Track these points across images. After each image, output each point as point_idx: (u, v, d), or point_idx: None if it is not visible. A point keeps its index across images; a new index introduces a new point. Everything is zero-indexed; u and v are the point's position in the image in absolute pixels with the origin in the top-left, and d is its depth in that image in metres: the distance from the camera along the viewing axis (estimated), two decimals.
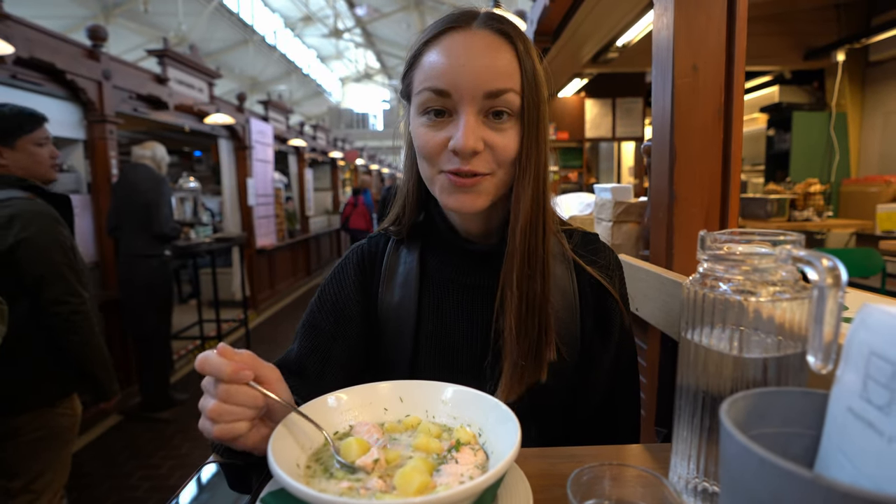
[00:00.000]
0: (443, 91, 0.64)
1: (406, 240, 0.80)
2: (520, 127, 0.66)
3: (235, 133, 5.79)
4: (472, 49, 0.64)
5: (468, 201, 0.67)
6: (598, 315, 0.76)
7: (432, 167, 0.68)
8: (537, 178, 0.67)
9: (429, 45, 0.67)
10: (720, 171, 1.12)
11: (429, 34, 0.68)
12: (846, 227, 3.87)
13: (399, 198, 0.80)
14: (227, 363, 0.49)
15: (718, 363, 0.47)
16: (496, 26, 0.66)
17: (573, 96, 6.24)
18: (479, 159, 0.65)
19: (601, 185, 1.61)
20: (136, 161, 3.41)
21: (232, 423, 0.48)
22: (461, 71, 0.63)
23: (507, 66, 0.64)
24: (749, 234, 0.48)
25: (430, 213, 0.78)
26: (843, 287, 0.39)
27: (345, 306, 0.76)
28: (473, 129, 0.63)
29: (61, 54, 3.20)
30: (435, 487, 0.42)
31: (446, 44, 0.65)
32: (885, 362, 0.32)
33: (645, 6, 3.03)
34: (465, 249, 0.75)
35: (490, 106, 0.64)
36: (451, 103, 0.64)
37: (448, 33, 0.66)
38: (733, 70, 1.10)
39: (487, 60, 0.63)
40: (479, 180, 0.66)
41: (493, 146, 0.65)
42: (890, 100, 4.47)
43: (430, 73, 0.65)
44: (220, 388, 0.49)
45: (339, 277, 0.79)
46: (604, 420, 0.78)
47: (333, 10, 13.90)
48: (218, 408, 0.48)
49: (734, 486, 0.33)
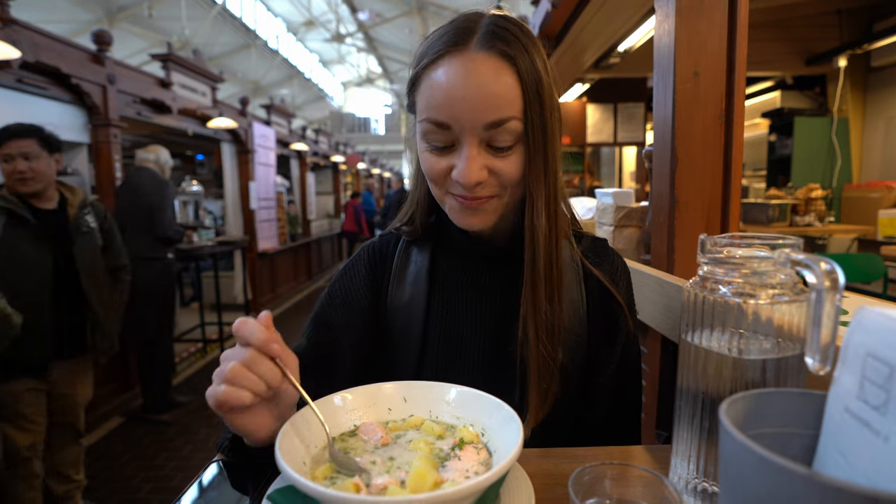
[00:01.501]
0: (443, 123, 0.63)
1: (417, 240, 0.80)
2: (524, 149, 0.65)
3: (238, 137, 5.82)
4: (471, 77, 0.62)
5: (476, 221, 0.68)
6: (604, 321, 0.76)
7: (440, 190, 0.69)
8: (548, 196, 0.67)
9: (427, 70, 0.65)
10: (721, 175, 1.13)
11: (428, 54, 0.65)
12: (848, 233, 3.88)
13: (411, 201, 0.80)
14: (262, 329, 0.49)
15: (718, 365, 0.48)
16: (497, 48, 0.62)
17: (575, 101, 6.26)
18: (483, 186, 0.65)
19: (603, 189, 1.62)
20: (140, 164, 3.43)
21: (242, 389, 0.47)
22: (460, 102, 0.62)
23: (508, 93, 0.62)
24: (749, 238, 0.48)
25: (441, 214, 0.78)
26: (841, 290, 0.39)
27: (354, 302, 0.77)
28: (475, 160, 0.63)
29: (66, 59, 3.23)
30: (442, 483, 0.43)
31: (444, 69, 0.63)
32: (881, 363, 0.33)
33: (646, 12, 3.05)
34: (477, 251, 0.76)
35: (492, 135, 0.63)
36: (453, 134, 0.64)
37: (445, 58, 0.63)
38: (734, 76, 1.11)
39: (487, 89, 0.61)
40: (486, 202, 0.67)
41: (499, 172, 0.65)
42: (892, 105, 4.48)
43: (430, 102, 0.64)
44: (248, 352, 0.48)
45: (349, 274, 0.80)
46: (608, 425, 0.78)
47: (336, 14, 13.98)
48: (238, 370, 0.47)
49: (733, 484, 0.34)
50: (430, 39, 0.67)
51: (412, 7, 13.49)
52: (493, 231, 0.74)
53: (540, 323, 0.67)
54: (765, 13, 3.93)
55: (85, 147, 3.61)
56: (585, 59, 4.24)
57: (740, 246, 0.49)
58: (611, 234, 1.51)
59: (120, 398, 3.69)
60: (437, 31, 0.67)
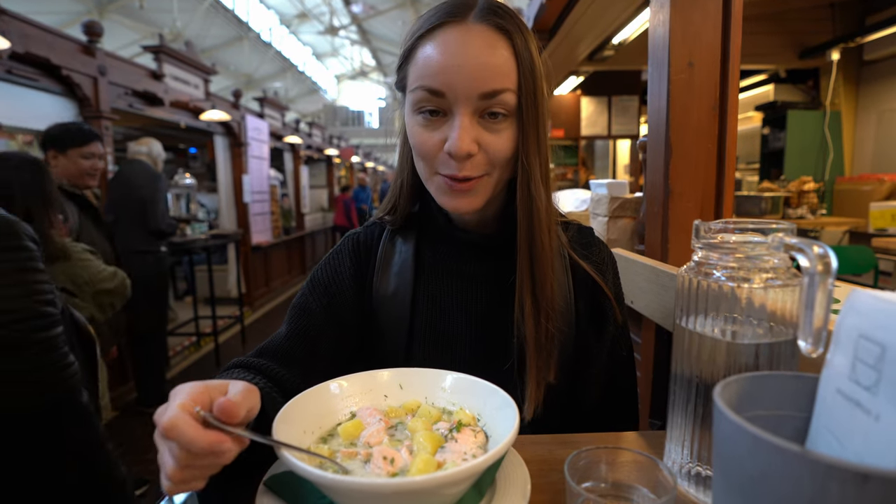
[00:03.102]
0: (437, 91, 0.62)
1: (402, 229, 0.79)
2: (516, 126, 0.65)
3: (231, 130, 5.77)
4: (468, 46, 0.62)
5: (464, 203, 0.67)
6: (591, 311, 0.76)
7: (428, 167, 0.68)
8: (544, 169, 0.66)
9: (424, 38, 0.65)
10: (715, 166, 1.13)
11: (424, 26, 0.65)
12: (840, 225, 3.91)
13: (394, 188, 0.79)
14: (201, 436, 0.39)
15: (712, 350, 0.48)
16: (494, 21, 0.63)
17: (569, 94, 6.26)
18: (473, 163, 0.64)
19: (597, 181, 1.62)
20: (132, 157, 3.40)
21: (190, 483, 0.41)
22: (456, 70, 0.61)
23: (504, 65, 0.62)
24: (742, 223, 0.49)
25: (426, 202, 0.77)
26: (834, 274, 0.40)
27: (338, 291, 0.75)
28: (468, 130, 0.62)
29: (57, 50, 3.19)
30: (441, 465, 0.43)
31: (441, 39, 0.63)
32: (873, 344, 0.33)
33: (640, 4, 3.05)
34: (462, 239, 0.75)
35: (486, 106, 0.63)
36: (446, 103, 0.63)
37: (443, 27, 0.63)
38: (728, 67, 1.11)
39: (483, 59, 0.62)
40: (475, 183, 0.66)
41: (488, 147, 0.64)
42: (884, 98, 4.51)
43: (425, 70, 0.63)
44: (182, 455, 0.39)
45: (332, 263, 0.78)
46: (602, 415, 0.79)
47: (329, 7, 13.87)
48: (181, 474, 0.40)
49: (727, 465, 0.34)
50: (425, 16, 0.67)
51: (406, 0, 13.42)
52: (479, 218, 0.74)
53: (541, 299, 0.66)
54: (758, 6, 3.94)
55: None
56: (580, 51, 4.24)
57: (734, 231, 0.49)
58: (605, 225, 1.51)
59: (114, 392, 3.68)
60: (432, 9, 0.67)
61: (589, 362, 0.76)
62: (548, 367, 0.67)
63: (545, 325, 0.67)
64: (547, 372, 0.67)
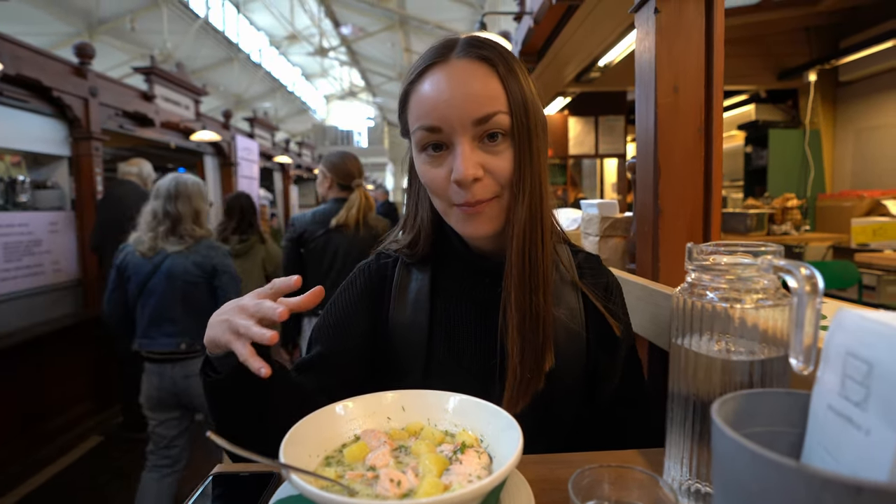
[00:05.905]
0: (434, 127, 0.66)
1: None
2: (513, 146, 0.68)
3: (221, 150, 5.78)
4: (453, 80, 0.66)
5: (479, 227, 0.69)
6: (602, 333, 0.77)
7: (443, 202, 0.70)
8: (532, 195, 0.68)
9: (414, 83, 0.69)
10: (702, 185, 1.16)
11: (412, 75, 0.70)
12: (823, 241, 3.99)
13: (412, 226, 0.80)
14: None
15: (708, 368, 0.50)
16: (475, 53, 0.67)
17: (557, 114, 6.36)
18: (480, 186, 0.66)
19: (588, 201, 1.65)
20: (123, 178, 3.39)
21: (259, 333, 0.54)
22: (447, 104, 0.65)
23: (492, 90, 0.66)
24: (733, 246, 0.51)
25: (443, 231, 0.78)
26: (821, 294, 0.42)
27: (347, 324, 0.77)
28: (469, 157, 0.65)
29: (48, 71, 3.19)
30: (447, 488, 0.44)
31: (429, 80, 0.67)
32: (860, 361, 0.35)
33: (625, 28, 3.13)
34: (478, 266, 0.76)
35: (483, 131, 0.66)
36: (445, 136, 0.66)
37: (430, 69, 0.68)
38: (712, 90, 1.15)
39: (469, 88, 0.65)
40: (486, 206, 0.68)
41: (492, 170, 0.67)
42: (860, 117, 4.65)
43: (419, 111, 0.67)
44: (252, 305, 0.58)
45: (344, 294, 0.80)
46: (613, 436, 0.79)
47: (319, 28, 14.01)
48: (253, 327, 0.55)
49: (727, 482, 0.36)
50: (414, 65, 0.71)
51: (395, 21, 13.60)
52: (495, 244, 0.74)
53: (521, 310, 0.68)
54: (739, 29, 4.06)
55: (66, 160, 3.55)
56: (567, 73, 4.32)
57: (725, 254, 0.51)
58: (596, 245, 1.54)
59: (99, 416, 3.60)
60: (419, 58, 0.72)
61: (603, 383, 0.77)
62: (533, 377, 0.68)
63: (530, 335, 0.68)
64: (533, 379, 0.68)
